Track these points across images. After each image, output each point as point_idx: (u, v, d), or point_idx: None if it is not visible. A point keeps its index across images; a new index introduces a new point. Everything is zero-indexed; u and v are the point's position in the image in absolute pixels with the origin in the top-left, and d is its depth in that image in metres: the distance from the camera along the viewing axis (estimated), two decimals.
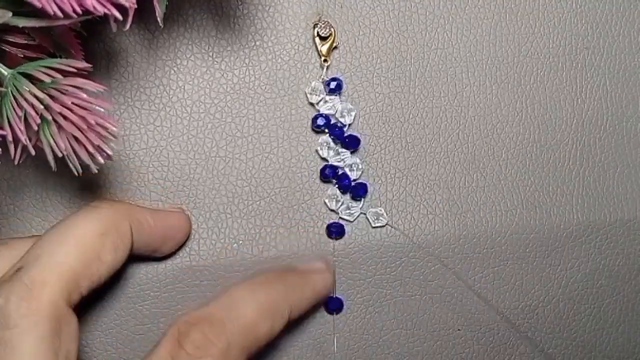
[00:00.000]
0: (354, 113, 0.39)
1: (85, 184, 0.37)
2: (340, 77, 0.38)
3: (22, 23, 0.26)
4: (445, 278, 0.41)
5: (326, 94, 0.38)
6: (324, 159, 0.39)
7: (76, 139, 0.28)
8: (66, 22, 0.26)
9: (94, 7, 0.25)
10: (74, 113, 0.27)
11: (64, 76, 0.27)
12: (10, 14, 0.26)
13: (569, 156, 0.42)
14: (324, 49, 0.38)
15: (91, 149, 0.28)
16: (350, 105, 0.39)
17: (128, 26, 0.27)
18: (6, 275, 0.28)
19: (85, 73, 0.28)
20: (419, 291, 0.41)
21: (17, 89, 0.27)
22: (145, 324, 0.38)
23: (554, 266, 0.42)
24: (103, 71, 0.37)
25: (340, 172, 0.39)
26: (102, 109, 0.28)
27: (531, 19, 0.41)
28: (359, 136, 0.39)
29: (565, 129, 0.42)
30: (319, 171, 0.39)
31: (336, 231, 0.39)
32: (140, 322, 0.38)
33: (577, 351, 0.44)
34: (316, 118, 0.38)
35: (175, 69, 0.37)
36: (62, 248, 0.29)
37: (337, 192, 0.39)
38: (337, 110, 0.38)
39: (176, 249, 0.38)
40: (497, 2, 0.40)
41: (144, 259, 0.37)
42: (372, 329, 0.41)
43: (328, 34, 0.38)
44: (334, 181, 0.39)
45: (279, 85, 0.38)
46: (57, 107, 0.27)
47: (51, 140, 0.28)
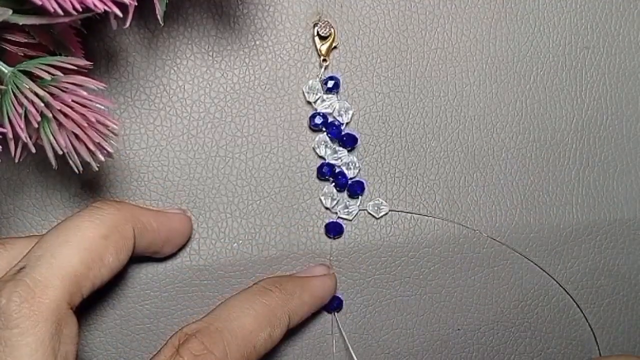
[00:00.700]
0: (351, 112, 0.39)
1: (86, 183, 0.37)
2: (337, 76, 0.38)
3: (22, 21, 0.26)
4: (446, 277, 0.41)
5: (323, 93, 0.38)
6: (321, 157, 0.39)
7: (76, 136, 0.28)
8: (66, 19, 0.26)
9: (94, 5, 0.25)
10: (74, 110, 0.27)
11: (64, 74, 0.27)
12: (10, 11, 0.26)
13: (568, 156, 0.42)
14: (324, 48, 0.38)
15: (91, 146, 0.28)
16: (348, 103, 0.39)
17: (128, 24, 0.27)
18: (8, 275, 0.28)
19: (86, 71, 0.28)
20: (418, 291, 0.41)
21: (17, 86, 0.27)
22: (145, 324, 0.38)
23: (553, 266, 0.42)
24: (103, 70, 0.37)
25: (337, 170, 0.39)
26: (102, 107, 0.28)
27: (531, 19, 0.41)
28: (356, 135, 0.39)
29: (565, 128, 0.42)
30: (316, 169, 0.39)
31: (334, 230, 0.39)
32: (140, 322, 0.38)
33: (577, 351, 0.44)
34: (313, 116, 0.38)
35: (175, 68, 0.37)
36: (65, 249, 0.29)
37: (333, 190, 0.39)
38: (335, 108, 0.38)
39: (177, 250, 0.38)
40: (497, 2, 0.40)
41: (144, 259, 0.37)
42: (372, 328, 0.41)
43: (328, 34, 0.38)
44: (331, 179, 0.39)
45: (278, 84, 0.38)
46: (57, 105, 0.27)
47: (51, 138, 0.28)
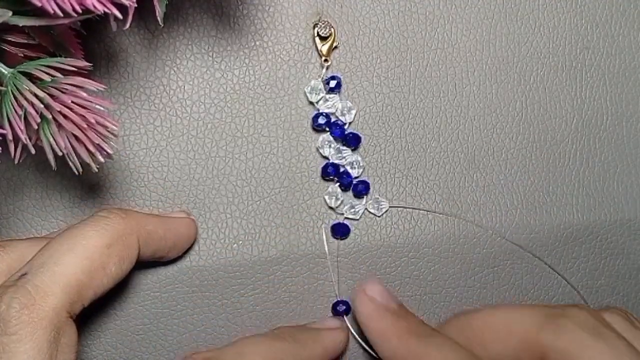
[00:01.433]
0: (354, 111, 0.39)
1: (85, 184, 0.37)
2: (339, 76, 0.38)
3: (22, 22, 0.26)
4: (445, 278, 0.41)
5: (326, 93, 0.38)
6: (325, 157, 0.39)
7: (76, 137, 0.28)
8: (66, 21, 0.26)
9: (94, 6, 0.25)
10: (74, 112, 0.27)
11: (64, 75, 0.27)
12: (10, 13, 0.26)
13: (569, 156, 0.42)
14: (324, 48, 0.38)
15: (91, 147, 0.28)
16: (350, 103, 0.39)
17: (128, 25, 0.27)
18: (9, 281, 0.28)
19: (85, 72, 0.28)
20: (419, 291, 0.41)
21: (17, 87, 0.27)
22: (145, 324, 0.38)
23: (553, 266, 0.42)
24: (103, 71, 0.37)
25: (342, 170, 0.39)
26: (102, 108, 0.28)
27: (531, 18, 0.41)
28: (359, 134, 0.39)
29: (565, 128, 0.42)
30: (320, 169, 0.39)
31: (341, 231, 0.39)
32: (140, 323, 0.38)
33: None
34: (317, 117, 0.38)
35: (175, 69, 0.37)
36: (68, 257, 0.29)
37: (337, 190, 0.39)
38: (337, 108, 0.38)
39: (181, 254, 0.38)
40: (497, 2, 0.40)
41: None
42: None
43: (328, 34, 0.38)
44: (336, 179, 0.39)
45: (279, 85, 0.38)
46: (57, 106, 0.27)
47: (51, 139, 0.28)
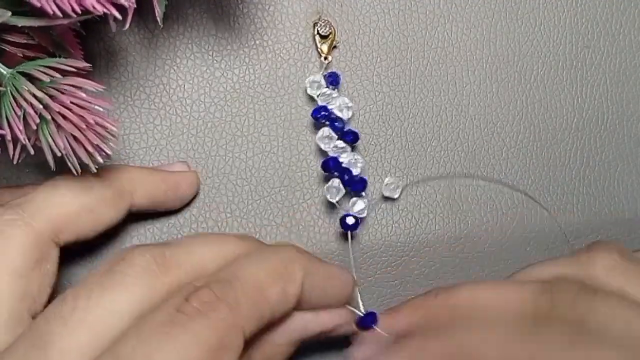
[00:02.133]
0: (351, 110, 0.38)
1: None
2: (337, 72, 0.38)
3: (21, 22, 0.26)
4: (446, 278, 0.41)
5: (325, 87, 0.38)
6: (324, 151, 0.38)
7: (75, 138, 0.28)
8: (65, 21, 0.26)
9: (93, 7, 0.25)
10: (73, 112, 0.27)
11: (63, 75, 0.27)
12: (9, 13, 0.26)
13: (569, 155, 0.42)
14: (324, 47, 0.38)
15: (90, 148, 0.28)
16: (348, 100, 0.38)
17: (127, 25, 0.27)
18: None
19: (85, 72, 0.28)
20: (419, 291, 0.41)
21: (16, 88, 0.27)
22: None
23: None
24: (102, 71, 0.37)
25: (344, 165, 0.38)
26: (102, 109, 0.28)
27: (531, 17, 0.41)
28: (357, 131, 0.38)
29: (566, 128, 0.42)
30: (321, 163, 0.38)
31: (352, 225, 0.38)
32: None
33: None
34: (318, 110, 0.38)
35: (175, 68, 0.37)
36: (59, 195, 0.31)
37: (339, 184, 0.38)
38: (336, 105, 0.38)
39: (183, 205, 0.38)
40: (497, 1, 0.40)
41: None
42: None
43: (328, 33, 0.38)
44: (336, 174, 0.38)
45: (279, 84, 0.38)
46: (56, 107, 0.27)
47: (50, 140, 0.28)
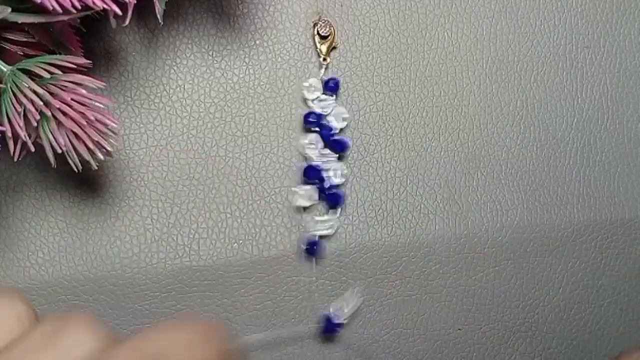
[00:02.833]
0: (346, 117, 0.38)
1: (85, 184, 0.37)
2: (338, 78, 0.38)
3: (21, 19, 0.26)
4: (445, 278, 0.41)
5: (322, 93, 0.38)
6: (308, 158, 0.38)
7: (76, 135, 0.28)
8: (65, 17, 0.26)
9: (93, 3, 0.25)
10: (74, 109, 0.27)
11: (64, 72, 0.27)
12: (9, 9, 0.26)
13: (569, 155, 0.42)
14: (324, 48, 0.38)
15: (90, 145, 0.28)
16: (344, 110, 0.38)
17: (127, 22, 0.27)
18: None
19: (85, 69, 0.28)
20: (419, 291, 0.41)
21: (16, 85, 0.27)
22: (145, 324, 0.38)
23: (554, 266, 0.42)
24: (103, 70, 0.37)
25: (324, 175, 0.38)
26: (102, 105, 0.28)
27: (531, 18, 0.41)
28: (347, 142, 0.38)
29: (566, 128, 0.42)
30: (303, 170, 0.38)
31: (312, 249, 0.39)
32: (140, 322, 0.38)
33: (577, 351, 0.44)
34: (308, 115, 0.38)
35: (175, 68, 0.37)
36: None
37: (313, 192, 0.38)
38: (330, 112, 0.38)
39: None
40: (497, 1, 0.40)
41: (143, 258, 0.37)
42: (373, 328, 0.41)
43: (328, 33, 0.38)
44: (317, 181, 0.38)
45: (279, 84, 0.38)
46: (56, 103, 0.27)
47: (51, 137, 0.28)
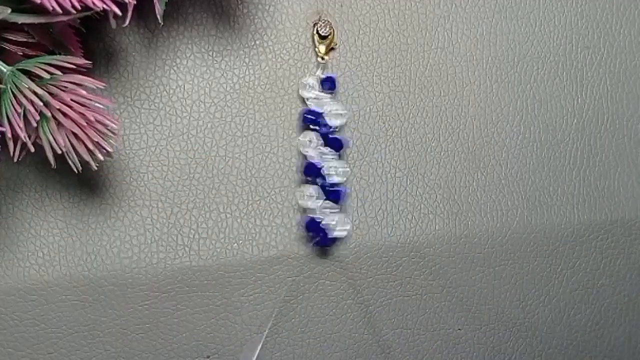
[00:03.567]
0: (344, 115, 0.38)
1: (85, 183, 0.37)
2: (334, 76, 0.38)
3: (21, 19, 0.26)
4: (446, 278, 0.41)
5: (319, 92, 0.38)
6: (307, 155, 0.38)
7: (76, 135, 0.28)
8: (65, 18, 0.26)
9: (93, 3, 0.25)
10: (73, 110, 0.27)
11: (63, 73, 0.27)
12: (9, 10, 0.26)
13: (569, 155, 0.42)
14: (322, 48, 0.38)
15: (90, 145, 0.28)
16: (342, 107, 0.38)
17: (127, 22, 0.27)
18: None
19: (85, 70, 0.28)
20: (418, 291, 0.41)
21: (16, 85, 0.27)
22: (145, 324, 0.38)
23: (554, 266, 0.42)
24: (102, 70, 0.37)
25: (325, 172, 0.38)
26: (102, 106, 0.28)
27: (531, 18, 0.41)
28: (344, 140, 0.38)
29: (566, 128, 0.42)
30: (303, 168, 0.39)
31: (312, 228, 0.39)
32: (140, 322, 0.38)
33: (577, 351, 0.44)
34: (305, 113, 0.38)
35: (175, 68, 0.37)
36: None
37: (318, 191, 0.38)
38: (328, 109, 0.38)
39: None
40: (497, 1, 0.40)
41: (142, 258, 0.37)
42: (372, 329, 0.41)
43: (328, 33, 0.38)
44: (318, 180, 0.38)
45: (278, 84, 0.38)
46: (56, 104, 0.27)
47: (50, 137, 0.28)
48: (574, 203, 0.42)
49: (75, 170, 0.29)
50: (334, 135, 0.38)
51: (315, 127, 0.38)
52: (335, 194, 0.39)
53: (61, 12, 0.25)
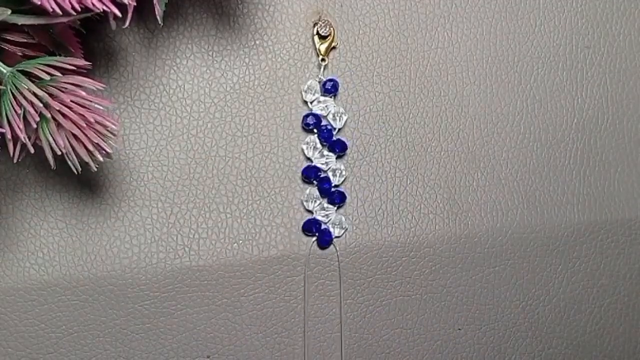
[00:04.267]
0: (345, 118, 0.38)
1: (85, 184, 0.37)
2: (336, 79, 0.38)
3: (21, 21, 0.26)
4: (446, 278, 0.41)
5: (321, 94, 0.38)
6: (309, 159, 0.39)
7: (75, 136, 0.28)
8: (65, 19, 0.26)
9: (93, 5, 0.25)
10: (73, 111, 0.27)
11: (63, 74, 0.27)
12: (9, 11, 0.26)
13: (569, 155, 0.42)
14: (323, 48, 0.38)
15: (90, 146, 0.28)
16: (343, 109, 0.38)
17: (127, 23, 0.27)
18: None
19: (85, 71, 0.28)
20: (419, 291, 0.41)
21: (16, 86, 0.27)
22: (145, 323, 0.38)
23: (554, 266, 0.42)
24: (102, 70, 0.37)
25: (323, 175, 0.39)
26: (102, 107, 0.28)
27: (531, 18, 0.41)
28: (346, 142, 0.39)
29: (566, 128, 0.42)
30: (301, 171, 0.39)
31: (311, 229, 0.39)
32: (140, 322, 0.38)
33: (577, 351, 0.44)
34: (306, 116, 0.38)
35: (175, 68, 0.37)
36: None
37: (316, 193, 0.39)
38: (330, 112, 0.38)
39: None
40: (497, 1, 0.40)
41: (142, 258, 0.37)
42: (372, 328, 0.41)
43: (328, 33, 0.38)
44: (315, 182, 0.39)
45: (278, 84, 0.38)
46: (56, 105, 0.27)
47: (50, 138, 0.28)
48: (574, 203, 0.42)
49: (75, 172, 0.29)
50: (336, 138, 0.38)
51: (316, 130, 0.38)
52: (334, 195, 0.39)
53: (61, 13, 0.25)
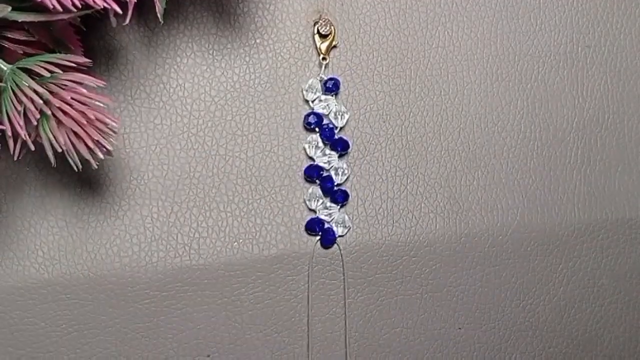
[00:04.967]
0: (347, 116, 0.39)
1: (85, 182, 0.37)
2: (338, 78, 0.38)
3: (21, 18, 0.26)
4: (446, 278, 0.41)
5: (322, 93, 0.38)
6: (311, 157, 0.39)
7: (76, 134, 0.28)
8: (65, 16, 0.26)
9: (94, 1, 0.25)
10: (74, 108, 0.27)
11: (64, 71, 0.27)
12: (9, 8, 0.26)
13: (570, 154, 0.42)
14: (324, 46, 0.38)
15: (91, 144, 0.28)
16: (344, 108, 0.38)
17: (128, 20, 0.27)
18: None
19: (85, 68, 0.28)
20: (419, 290, 0.41)
21: (16, 84, 0.27)
22: (145, 323, 0.38)
23: (555, 265, 0.42)
24: (103, 69, 0.37)
25: (325, 174, 0.39)
26: (102, 104, 0.28)
27: (532, 17, 0.41)
28: (348, 140, 0.39)
29: (567, 127, 0.42)
30: (303, 170, 0.39)
31: (314, 228, 0.39)
32: (140, 322, 0.38)
33: (578, 350, 0.44)
34: (308, 116, 0.38)
35: (176, 66, 0.37)
36: None
37: (319, 192, 0.39)
38: (331, 111, 0.38)
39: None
40: (497, 1, 0.40)
41: (142, 258, 0.37)
42: (373, 328, 0.41)
43: (328, 32, 0.38)
44: (317, 182, 0.39)
45: (279, 83, 0.38)
46: (56, 102, 0.27)
47: (50, 136, 0.28)
48: (574, 203, 0.42)
49: (76, 169, 0.29)
50: (338, 136, 0.38)
51: (318, 129, 0.38)
52: (337, 193, 0.39)
53: (62, 10, 0.25)
